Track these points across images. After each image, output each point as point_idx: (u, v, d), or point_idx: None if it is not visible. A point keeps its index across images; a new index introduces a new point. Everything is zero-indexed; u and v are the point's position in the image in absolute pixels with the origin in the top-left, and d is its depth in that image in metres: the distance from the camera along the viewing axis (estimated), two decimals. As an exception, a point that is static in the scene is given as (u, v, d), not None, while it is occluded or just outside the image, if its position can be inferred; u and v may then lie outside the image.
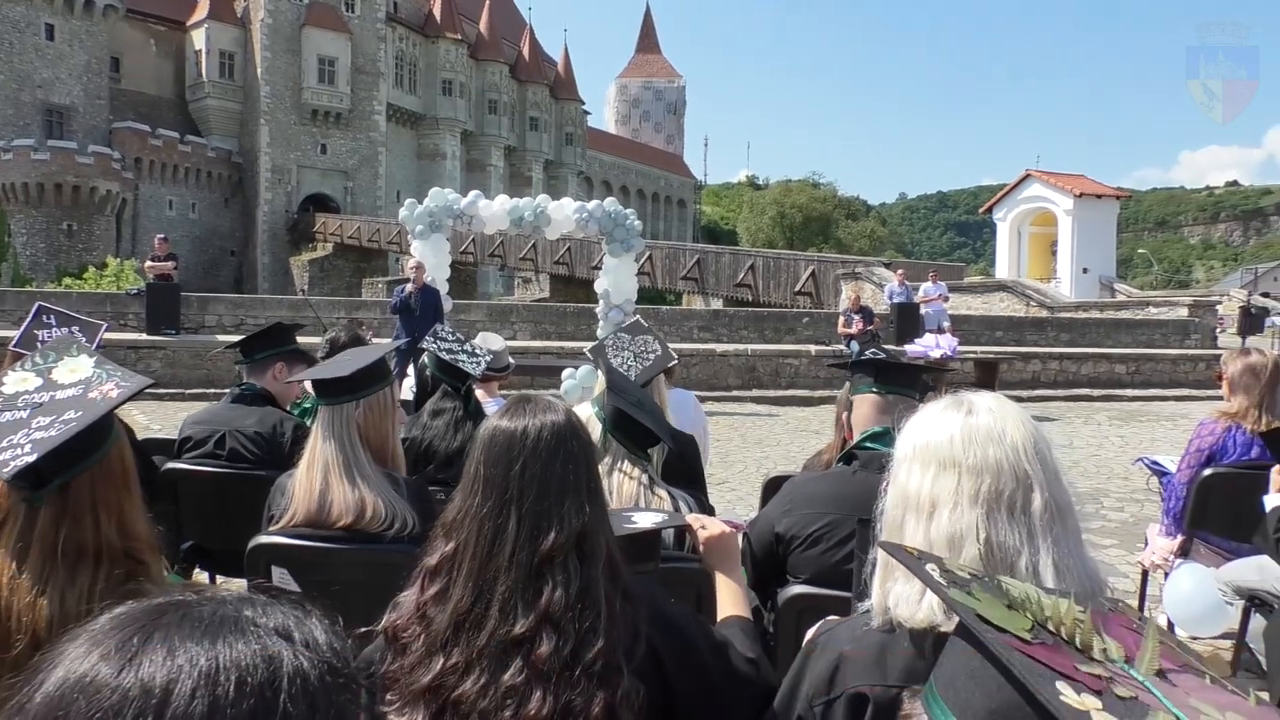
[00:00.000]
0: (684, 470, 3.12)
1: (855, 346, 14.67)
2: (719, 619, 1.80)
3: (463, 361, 3.33)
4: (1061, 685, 0.81)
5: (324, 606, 0.62)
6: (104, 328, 3.88)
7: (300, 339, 3.76)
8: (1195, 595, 3.74)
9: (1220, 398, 4.08)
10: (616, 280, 13.65)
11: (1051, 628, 0.95)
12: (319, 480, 2.31)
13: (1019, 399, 9.79)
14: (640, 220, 14.53)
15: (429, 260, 12.70)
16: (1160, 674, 0.88)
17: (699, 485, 3.40)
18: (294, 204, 63.24)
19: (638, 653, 1.40)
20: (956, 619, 1.30)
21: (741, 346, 16.69)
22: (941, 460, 1.34)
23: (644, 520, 1.79)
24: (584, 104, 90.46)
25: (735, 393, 14.97)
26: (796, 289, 35.18)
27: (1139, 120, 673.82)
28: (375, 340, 5.24)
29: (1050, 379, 16.72)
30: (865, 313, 15.71)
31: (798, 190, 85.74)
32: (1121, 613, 1.02)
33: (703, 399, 14.21)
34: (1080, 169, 55.26)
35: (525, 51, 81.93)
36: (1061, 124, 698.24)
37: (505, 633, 1.36)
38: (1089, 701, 0.80)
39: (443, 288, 13.21)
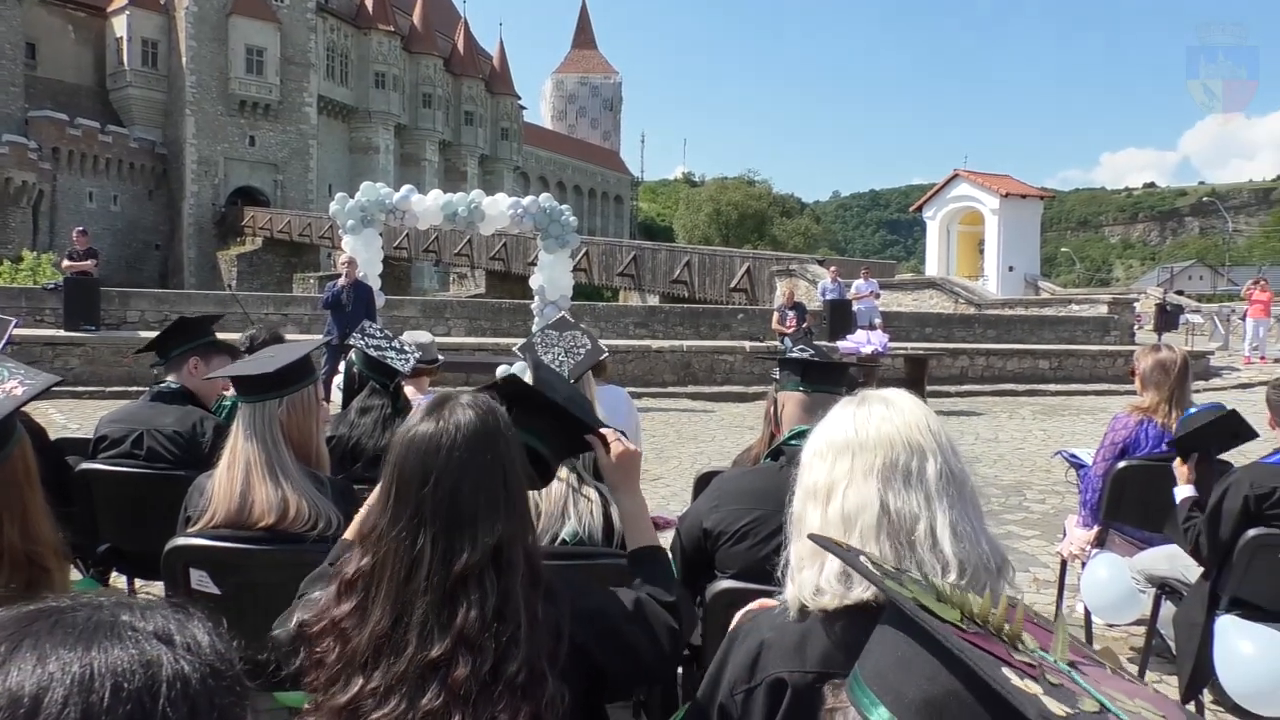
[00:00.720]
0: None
1: (789, 343, 14.86)
2: (630, 550, 1.83)
3: (391, 358, 3.28)
4: (1006, 671, 0.83)
5: (245, 608, 0.60)
6: (13, 324, 3.74)
7: (228, 336, 3.67)
8: (1110, 584, 3.88)
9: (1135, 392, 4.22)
10: (552, 276, 13.61)
11: (979, 620, 0.97)
12: (240, 480, 2.26)
13: (947, 394, 10.03)
14: (577, 216, 14.50)
15: (361, 255, 12.50)
16: (1071, 665, 0.91)
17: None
18: (221, 197, 61.69)
19: (561, 654, 1.41)
20: (859, 598, 1.34)
21: (677, 343, 16.76)
22: (839, 448, 1.40)
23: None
24: (520, 99, 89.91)
25: (671, 389, 15.04)
26: (732, 285, 35.42)
27: (1063, 122, 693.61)
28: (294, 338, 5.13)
29: (977, 374, 17.10)
30: (799, 309, 15.91)
31: (733, 187, 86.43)
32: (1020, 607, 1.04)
33: (638, 395, 14.33)
34: (1006, 169, 56.78)
35: (460, 45, 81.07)
36: (989, 125, 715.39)
37: (423, 657, 1.35)
38: (1032, 686, 0.82)
39: (375, 283, 13.01)
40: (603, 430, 1.90)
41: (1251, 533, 3.08)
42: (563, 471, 2.13)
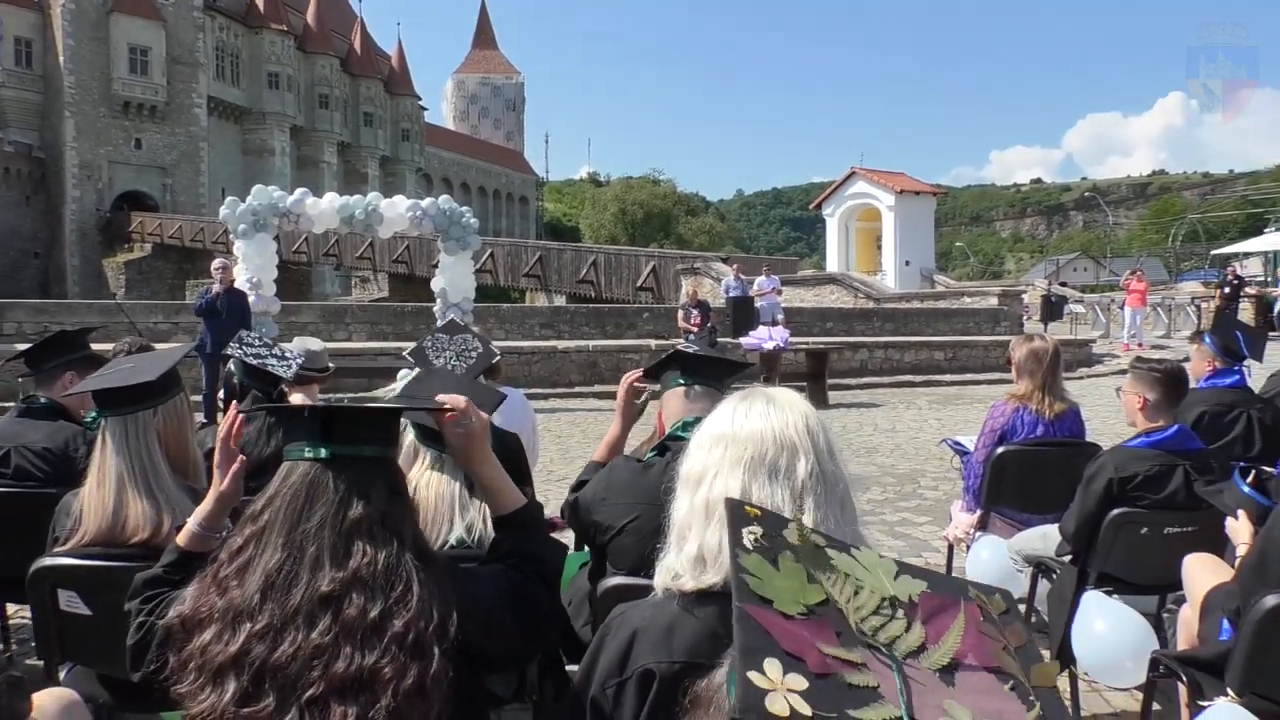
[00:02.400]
0: (509, 469, 3.13)
1: (693, 339, 15.04)
2: (496, 516, 1.81)
3: (272, 365, 3.21)
4: (770, 661, 0.86)
5: (118, 629, 0.58)
6: None
7: (104, 348, 3.53)
8: (991, 565, 4.04)
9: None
10: (454, 278, 13.47)
11: (842, 605, 1.01)
12: (111, 496, 2.19)
13: (848, 386, 10.24)
14: (481, 218, 14.40)
15: (254, 260, 12.17)
16: (949, 667, 0.94)
17: (525, 483, 3.41)
18: (106, 202, 59.12)
19: (449, 635, 1.42)
20: (710, 582, 1.38)
21: (583, 343, 16.77)
22: (715, 438, 1.45)
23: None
24: (420, 100, 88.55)
25: (577, 389, 15.03)
26: (638, 284, 35.58)
27: (954, 120, 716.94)
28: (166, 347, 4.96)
29: (877, 367, 17.56)
30: (703, 307, 16.10)
31: (639, 187, 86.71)
32: (982, 603, 1.06)
33: (544, 395, 14.29)
34: (902, 167, 58.43)
35: (357, 44, 79.38)
36: (885, 123, 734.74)
37: (314, 590, 1.38)
38: (791, 681, 0.85)
39: (270, 289, 12.69)
40: (440, 399, 1.82)
41: (1115, 512, 3.26)
42: (447, 472, 2.12)
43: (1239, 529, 2.74)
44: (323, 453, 1.46)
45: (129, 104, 59.11)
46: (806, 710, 0.84)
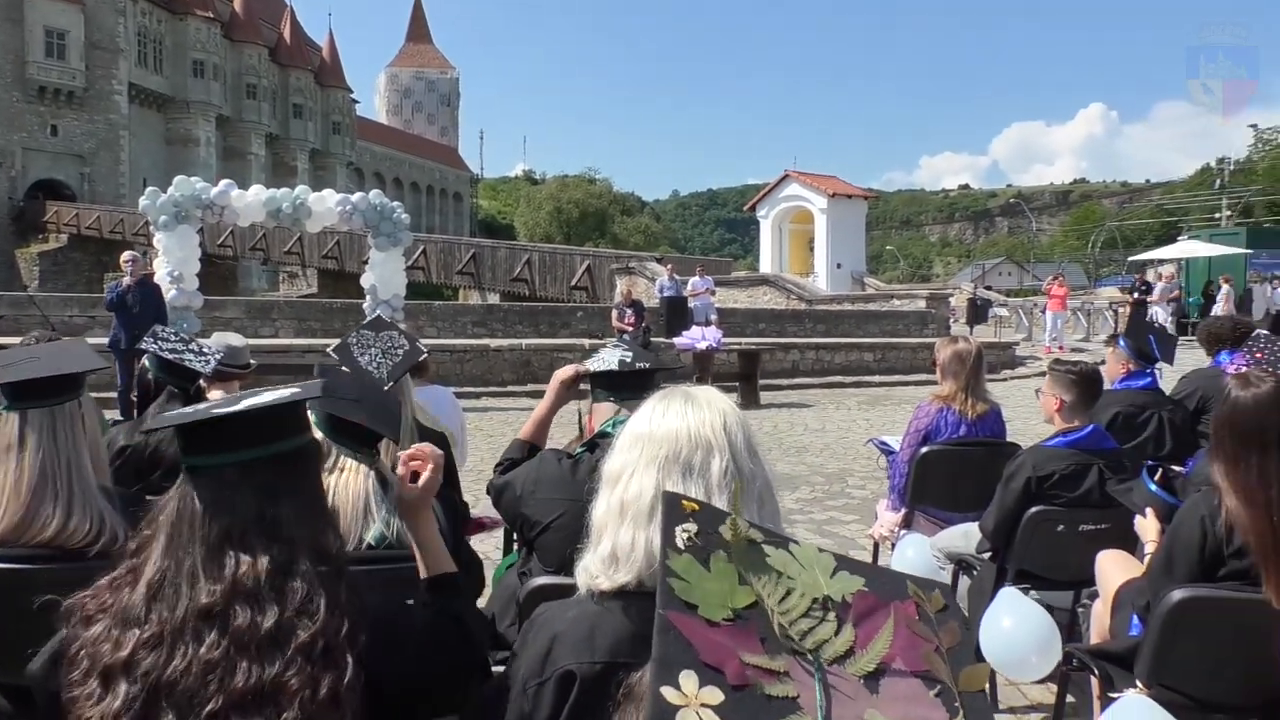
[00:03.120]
0: (435, 466, 3.09)
1: (626, 340, 15.06)
2: (425, 574, 1.76)
3: (189, 360, 3.11)
4: (686, 674, 0.86)
5: (23, 635, 0.54)
6: None
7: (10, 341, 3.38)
8: (915, 563, 4.11)
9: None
10: (384, 275, 13.26)
11: (771, 607, 1.00)
12: (28, 492, 2.09)
13: (780, 387, 10.33)
14: (414, 214, 14.20)
15: (175, 253, 11.82)
16: (876, 673, 0.94)
17: (452, 482, 3.37)
18: (19, 190, 56.89)
19: (359, 644, 1.38)
20: (621, 581, 1.38)
21: (516, 341, 16.65)
22: (635, 438, 1.45)
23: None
24: (352, 92, 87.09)
25: (510, 387, 14.92)
26: (573, 283, 35.50)
27: (886, 125, 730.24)
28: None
29: (808, 367, 17.79)
30: (637, 307, 16.13)
31: (574, 185, 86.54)
32: (919, 600, 1.05)
33: (477, 394, 14.16)
34: (834, 170, 59.26)
35: (286, 34, 77.70)
36: (818, 127, 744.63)
37: (195, 602, 1.34)
38: (706, 695, 0.85)
39: (192, 283, 12.35)
40: (416, 451, 1.80)
41: (1033, 510, 3.35)
42: (361, 470, 2.08)
43: (1147, 526, 2.83)
44: (184, 464, 1.43)
45: (45, 89, 56.98)
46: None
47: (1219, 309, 21.23)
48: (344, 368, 2.84)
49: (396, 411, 2.38)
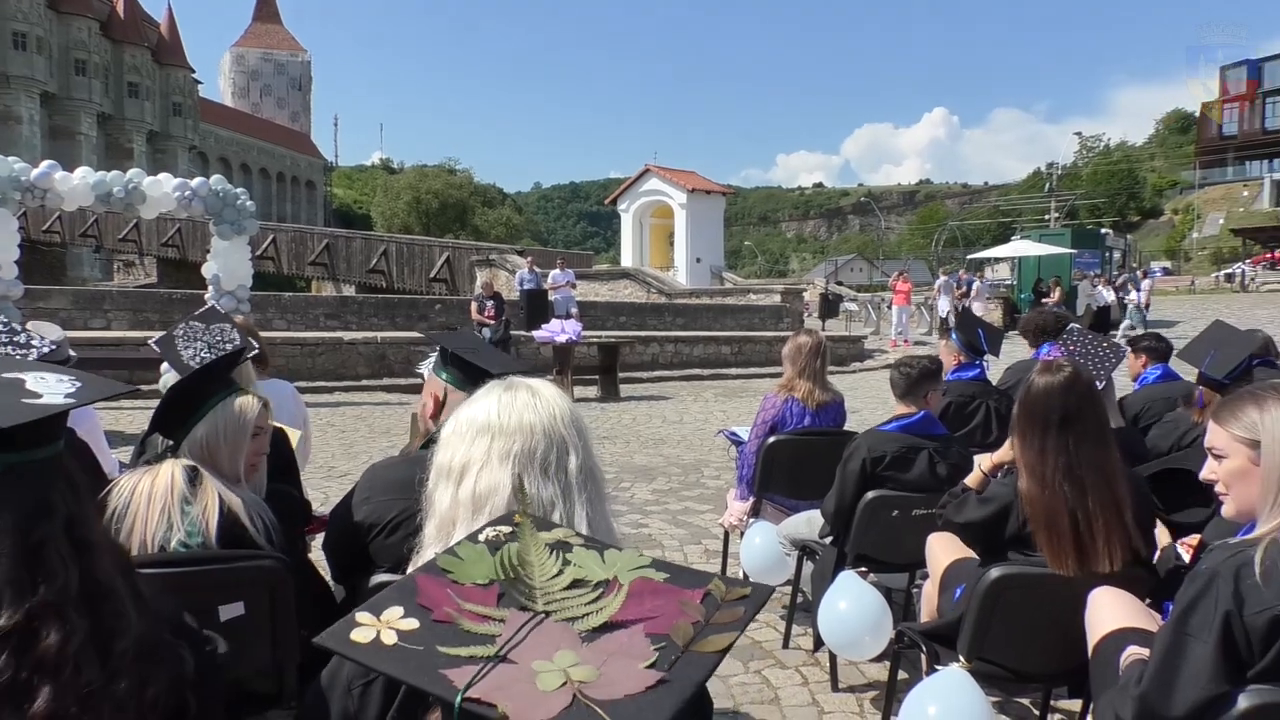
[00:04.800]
0: (273, 463, 2.98)
1: (488, 333, 14.87)
2: None
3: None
4: (392, 608, 0.94)
5: None
6: None
7: None
8: (763, 550, 4.23)
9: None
10: (228, 265, 12.62)
11: (535, 582, 1.01)
12: None
13: (640, 380, 10.41)
14: (264, 201, 13.60)
15: (-9, 239, 10.91)
16: (601, 628, 0.95)
17: (291, 478, 3.25)
18: None
19: (164, 654, 1.31)
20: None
21: (372, 334, 16.21)
22: (479, 428, 1.40)
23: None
24: (194, 72, 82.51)
25: (365, 381, 14.52)
26: (432, 275, 34.86)
27: (744, 123, 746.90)
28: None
29: (667, 360, 18.03)
30: (497, 300, 15.97)
31: (434, 176, 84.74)
32: (714, 590, 1.05)
33: (329, 389, 13.70)
34: (693, 166, 60.04)
35: (120, 7, 72.88)
36: (679, 122, 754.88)
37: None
38: (401, 623, 0.93)
39: (10, 271, 11.46)
40: None
41: (869, 495, 3.49)
42: (166, 468, 1.97)
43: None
44: None
45: None
46: (391, 640, 0.91)
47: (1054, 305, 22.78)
48: (165, 362, 2.69)
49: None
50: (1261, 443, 1.79)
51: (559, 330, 13.63)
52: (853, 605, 3.21)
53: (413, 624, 0.93)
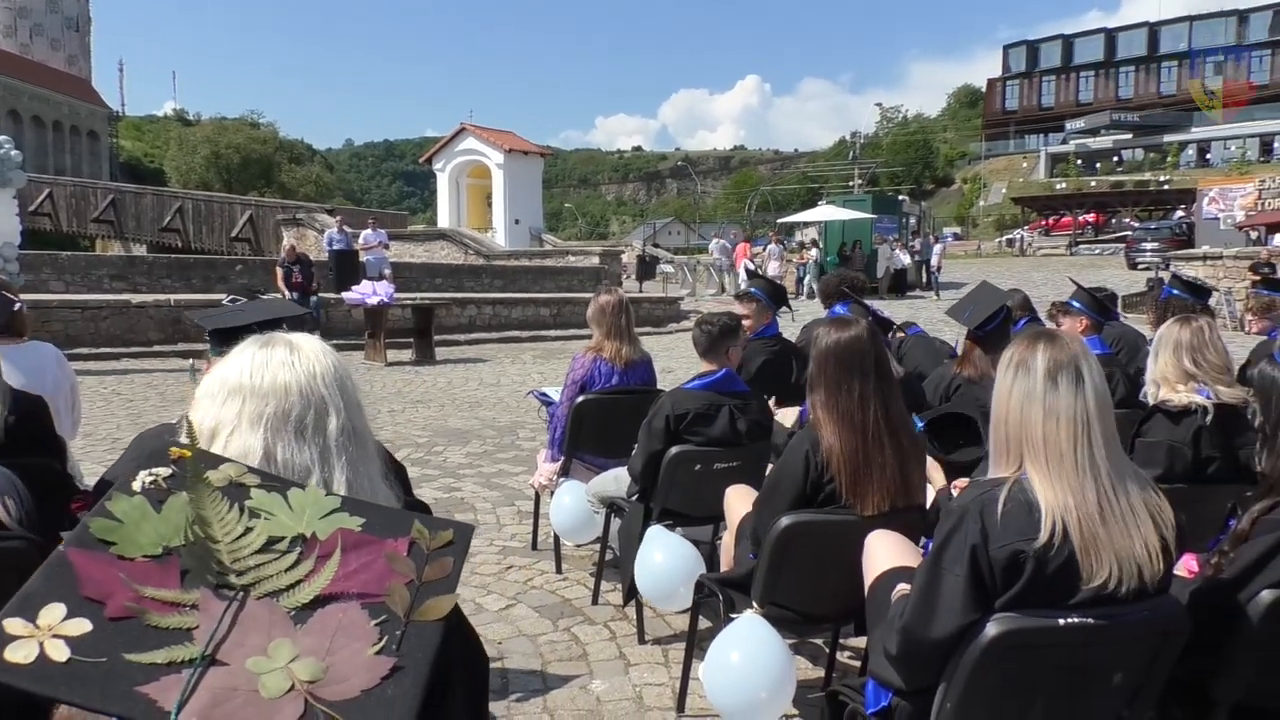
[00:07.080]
0: (28, 434, 2.74)
1: (295, 296, 14.15)
2: None
3: None
4: (51, 607, 0.81)
5: None
6: None
7: None
8: (572, 509, 4.25)
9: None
10: (-9, 221, 11.44)
11: (220, 545, 0.95)
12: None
13: (457, 342, 10.24)
14: (39, 153, 12.32)
15: None
16: (314, 604, 0.89)
17: (53, 450, 2.99)
18: None
19: None
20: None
21: (164, 296, 15.14)
22: (230, 389, 1.31)
23: None
24: (-50, 4, 73.72)
25: (157, 348, 13.57)
26: (234, 235, 32.91)
27: (562, 84, 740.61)
28: None
29: (485, 323, 17.78)
30: (304, 263, 15.21)
31: (234, 129, 79.64)
32: (419, 538, 1.01)
33: (116, 355, 12.74)
34: (512, 126, 58.93)
35: None
36: (496, 81, 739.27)
37: None
38: (68, 627, 0.80)
39: None
40: None
41: (673, 450, 3.55)
42: None
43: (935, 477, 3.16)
44: None
45: None
46: (63, 656, 0.78)
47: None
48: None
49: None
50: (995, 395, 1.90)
51: (370, 292, 13.17)
52: (667, 558, 3.27)
53: (84, 626, 0.81)
